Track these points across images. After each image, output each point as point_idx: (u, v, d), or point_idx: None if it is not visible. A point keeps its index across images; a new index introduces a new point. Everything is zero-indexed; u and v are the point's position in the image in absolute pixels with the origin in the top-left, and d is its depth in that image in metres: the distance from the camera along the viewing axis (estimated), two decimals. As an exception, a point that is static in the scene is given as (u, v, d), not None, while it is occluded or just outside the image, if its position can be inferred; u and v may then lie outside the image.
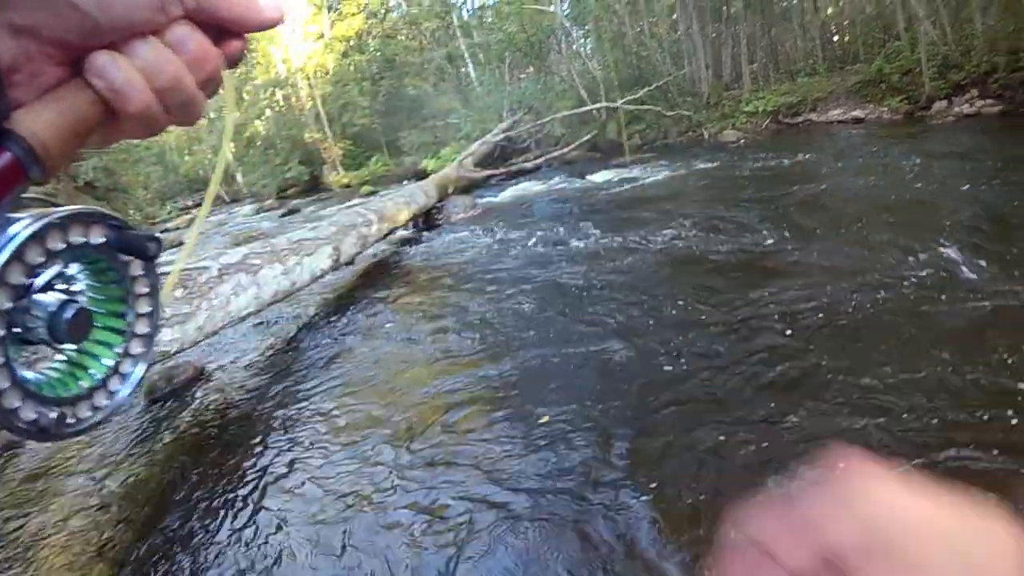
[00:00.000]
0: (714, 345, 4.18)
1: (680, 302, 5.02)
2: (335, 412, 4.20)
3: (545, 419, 3.60)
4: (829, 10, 28.69)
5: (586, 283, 5.96)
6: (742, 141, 16.55)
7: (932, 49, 16.89)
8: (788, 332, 4.14)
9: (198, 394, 5.12)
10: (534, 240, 8.14)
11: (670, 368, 3.96)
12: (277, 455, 3.81)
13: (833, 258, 5.38)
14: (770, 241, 6.35)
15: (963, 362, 3.38)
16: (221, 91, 0.54)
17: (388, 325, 5.83)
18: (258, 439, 4.07)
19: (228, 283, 4.98)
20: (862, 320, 4.14)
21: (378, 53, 30.96)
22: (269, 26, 0.51)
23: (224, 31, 0.49)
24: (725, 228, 7.06)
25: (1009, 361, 3.31)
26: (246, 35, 0.51)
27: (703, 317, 4.67)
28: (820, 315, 4.30)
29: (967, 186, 7.47)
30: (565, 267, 6.68)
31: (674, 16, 24.43)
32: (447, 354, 4.82)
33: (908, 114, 16.36)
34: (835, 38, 28.02)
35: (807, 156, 11.88)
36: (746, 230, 6.81)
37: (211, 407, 4.79)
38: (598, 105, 18.10)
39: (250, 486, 3.56)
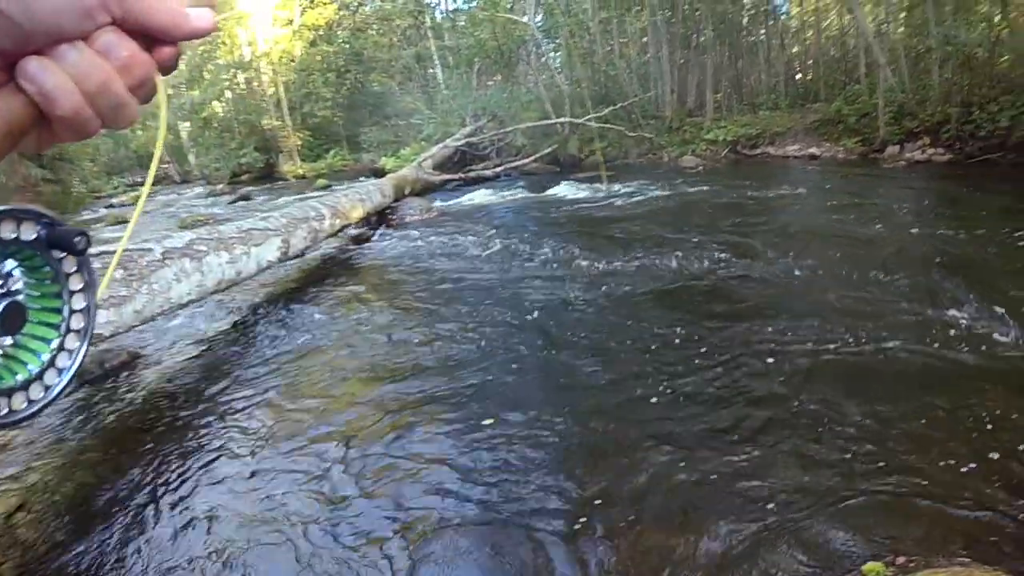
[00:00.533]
0: (646, 353, 4.34)
1: (628, 320, 5.12)
2: (268, 409, 4.09)
3: (490, 421, 3.62)
4: (795, 48, 29.32)
5: (537, 296, 5.96)
6: (701, 167, 16.75)
7: (890, 95, 17.36)
8: (723, 344, 4.21)
9: (130, 380, 4.93)
10: (488, 249, 8.11)
11: (612, 377, 4.08)
12: (204, 450, 3.70)
13: (780, 285, 5.52)
14: (721, 266, 6.49)
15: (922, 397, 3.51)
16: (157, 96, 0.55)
17: (332, 323, 5.72)
18: (186, 432, 3.94)
19: (171, 268, 4.82)
20: (794, 346, 4.26)
21: (347, 45, 30.54)
22: (198, 36, 0.53)
23: (154, 40, 0.50)
24: (680, 251, 7.14)
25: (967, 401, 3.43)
26: (177, 44, 0.53)
27: (647, 331, 4.79)
28: (760, 337, 4.43)
29: (915, 227, 7.95)
30: (517, 278, 6.68)
31: (644, 39, 24.68)
32: (387, 356, 4.78)
33: (862, 155, 16.83)
34: (798, 76, 28.63)
35: (764, 187, 12.08)
36: (699, 255, 6.90)
37: (142, 395, 4.62)
38: (563, 119, 18.15)
39: (175, 479, 3.42)
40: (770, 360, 4.18)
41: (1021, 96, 14.14)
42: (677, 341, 4.60)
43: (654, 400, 3.78)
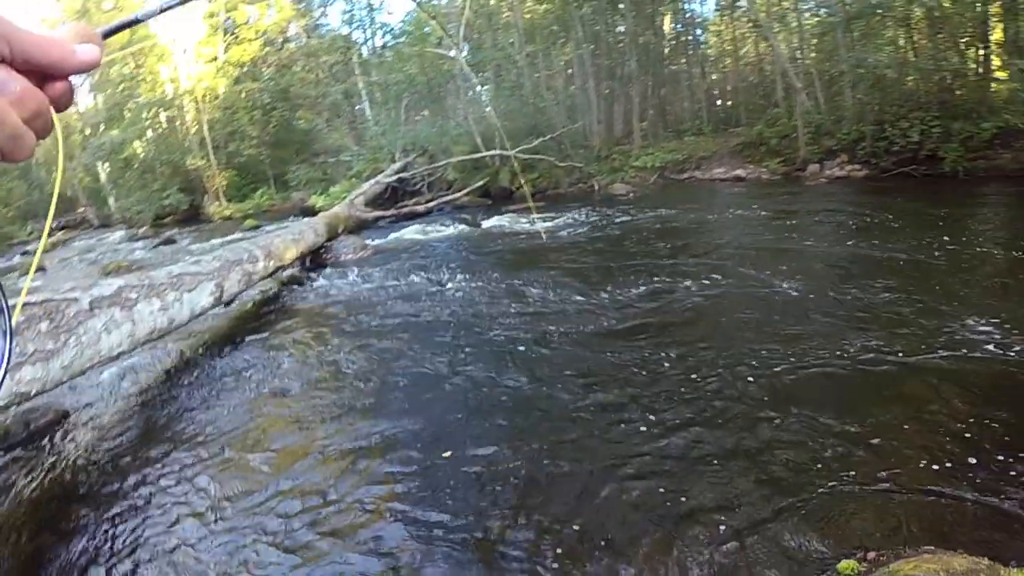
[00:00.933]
0: (592, 380, 4.37)
1: (570, 347, 5.17)
2: (207, 464, 3.91)
3: (447, 454, 3.59)
4: (715, 75, 30.20)
5: (476, 329, 5.96)
6: (631, 194, 17.01)
7: (807, 117, 18.09)
8: (653, 359, 4.23)
9: (58, 441, 4.67)
10: (423, 285, 8.09)
11: (550, 411, 4.08)
12: (139, 512, 3.50)
13: (713, 305, 5.62)
14: (658, 290, 6.60)
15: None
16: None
17: (269, 370, 5.55)
18: (120, 494, 3.73)
19: (99, 318, 4.59)
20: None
21: (272, 82, 30.21)
22: (85, 69, 0.57)
23: (45, 75, 0.54)
24: (612, 278, 7.28)
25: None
26: (68, 78, 0.56)
27: (590, 358, 4.82)
28: (704, 355, 4.45)
29: (834, 237, 8.75)
30: (454, 314, 6.67)
31: (570, 71, 25.09)
32: (326, 402, 4.66)
33: (785, 175, 17.41)
34: (719, 102, 29.48)
35: (692, 210, 12.49)
36: (631, 280, 7.01)
37: (71, 456, 4.38)
38: (492, 152, 18.22)
39: (107, 545, 3.24)
40: (719, 375, 4.29)
41: (929, 112, 14.91)
42: (620, 365, 4.67)
43: (605, 422, 3.82)
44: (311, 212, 16.95)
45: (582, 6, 22.09)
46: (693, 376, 4.37)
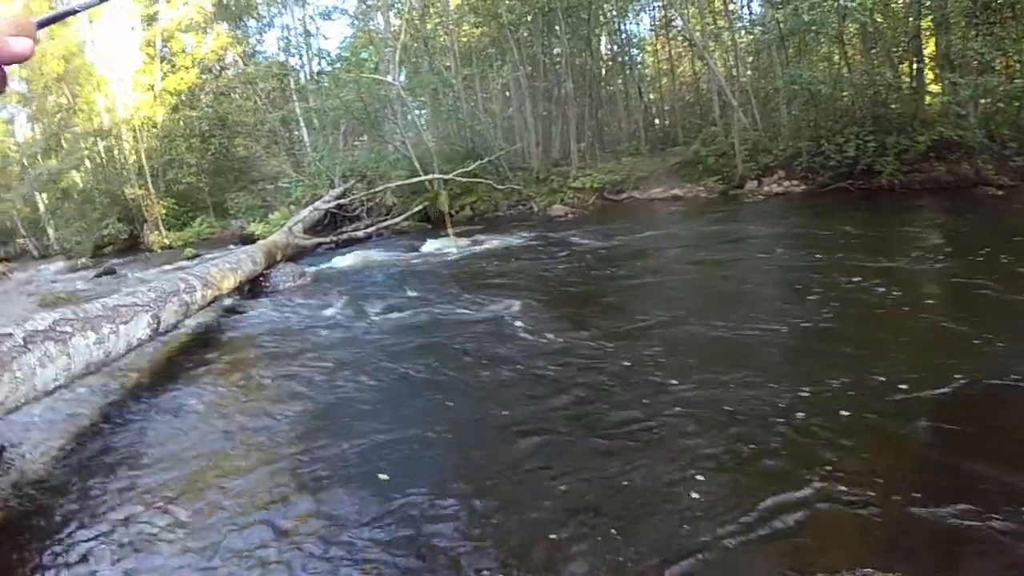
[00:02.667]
0: (531, 398, 4.34)
1: (505, 371, 5.22)
2: (148, 499, 3.85)
3: (384, 477, 3.53)
4: (652, 95, 30.71)
5: (409, 358, 5.98)
6: (570, 215, 17.24)
7: (744, 134, 18.51)
8: (605, 383, 4.36)
9: None
10: (363, 312, 8.11)
11: (492, 443, 4.07)
12: (79, 548, 3.46)
13: (654, 323, 5.76)
14: (595, 310, 6.76)
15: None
16: None
17: (208, 402, 5.51)
18: (58, 533, 3.69)
19: (34, 353, 4.55)
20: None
21: (210, 110, 29.93)
22: (16, 60, 0.60)
23: None
24: (549, 300, 7.44)
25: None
26: (2, 67, 0.60)
27: (529, 378, 4.87)
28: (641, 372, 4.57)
29: (773, 252, 9.08)
30: (393, 341, 6.70)
31: (507, 94, 25.34)
32: (264, 432, 4.61)
33: (723, 192, 17.80)
34: (657, 121, 29.98)
35: (630, 231, 12.75)
36: (570, 302, 7.18)
37: (7, 494, 4.32)
38: (431, 176, 18.34)
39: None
40: (649, 393, 4.37)
41: (864, 127, 15.35)
42: (562, 387, 4.75)
43: (545, 439, 3.89)
44: (250, 239, 16.85)
45: (518, 29, 22.38)
46: (622, 398, 4.51)
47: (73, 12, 0.85)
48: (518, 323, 6.71)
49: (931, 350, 4.77)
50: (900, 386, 4.03)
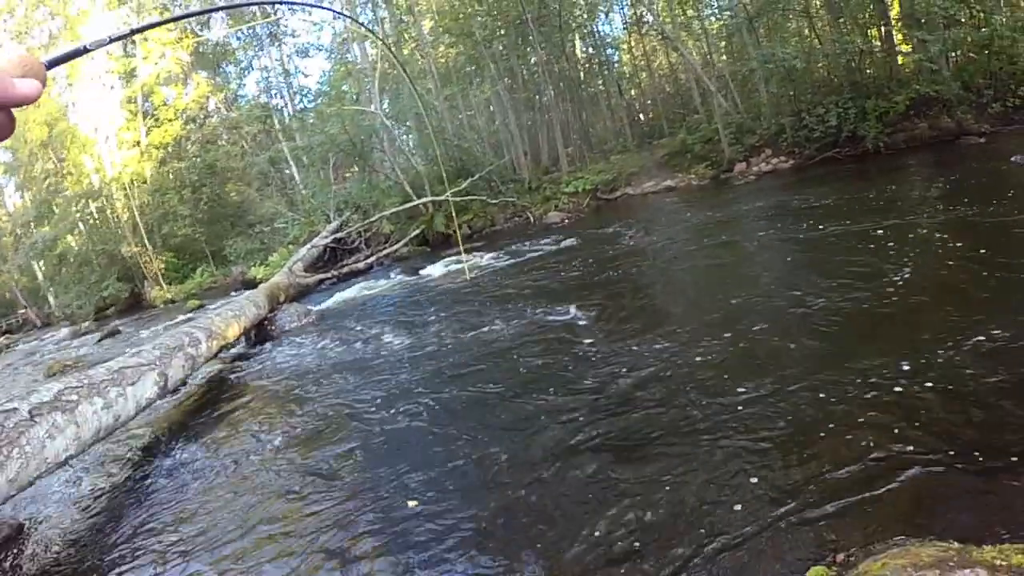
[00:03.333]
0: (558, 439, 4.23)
1: (533, 394, 5.08)
2: (172, 564, 3.85)
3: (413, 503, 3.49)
4: (632, 92, 30.81)
5: (424, 390, 5.89)
6: (566, 220, 17.25)
7: (727, 119, 18.66)
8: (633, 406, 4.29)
9: (18, 556, 4.58)
10: (370, 346, 8.03)
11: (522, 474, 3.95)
12: None
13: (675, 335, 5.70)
14: (605, 319, 6.64)
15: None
16: None
17: (223, 456, 5.43)
18: None
19: (42, 425, 4.52)
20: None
21: (198, 159, 30.06)
22: (25, 103, 0.58)
23: None
24: (557, 311, 7.35)
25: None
26: (9, 109, 0.59)
27: (556, 407, 4.74)
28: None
29: (769, 231, 9.13)
30: (405, 372, 6.62)
31: (491, 108, 25.41)
32: (288, 486, 4.52)
33: (714, 178, 17.94)
34: (640, 116, 30.10)
35: (627, 227, 12.71)
36: (580, 308, 7.11)
37: (32, 571, 4.30)
38: (424, 200, 18.37)
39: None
40: (667, 386, 4.33)
41: (842, 95, 15.58)
42: (597, 408, 4.61)
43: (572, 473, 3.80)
44: (252, 284, 16.89)
45: (492, 43, 22.46)
46: (652, 395, 4.47)
47: (85, 51, 0.83)
48: (523, 338, 6.66)
49: None
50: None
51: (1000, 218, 6.87)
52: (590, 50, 28.83)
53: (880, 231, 7.33)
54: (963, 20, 14.91)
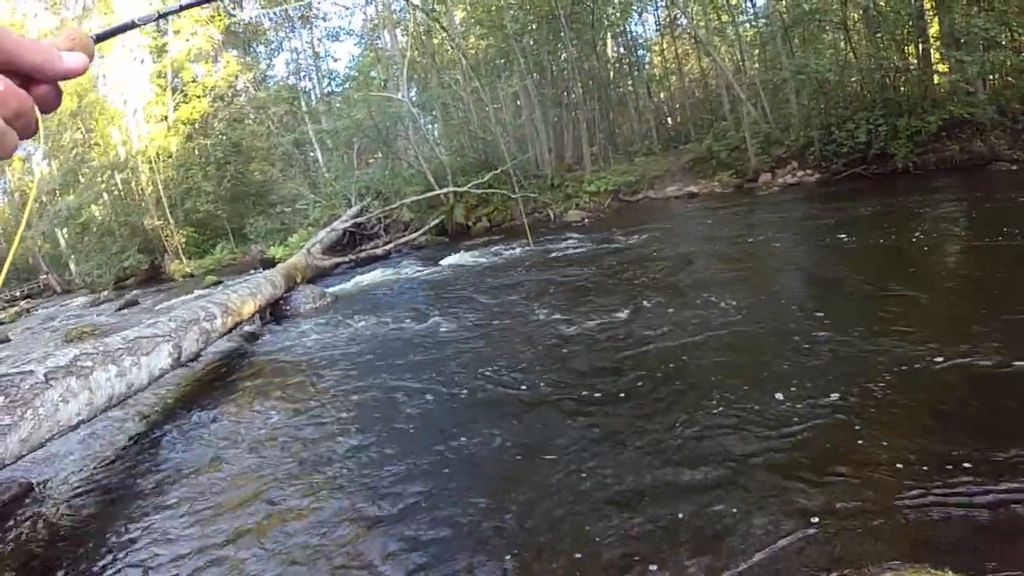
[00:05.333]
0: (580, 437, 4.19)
1: (548, 387, 5.05)
2: (179, 535, 3.81)
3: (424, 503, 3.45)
4: (661, 95, 30.72)
5: (442, 377, 5.85)
6: (586, 220, 17.20)
7: (755, 127, 18.50)
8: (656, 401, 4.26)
9: (26, 514, 4.60)
10: (385, 331, 7.99)
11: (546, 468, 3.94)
12: None
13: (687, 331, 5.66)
14: (625, 315, 6.59)
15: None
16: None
17: (234, 430, 5.43)
18: (94, 567, 3.69)
19: (56, 389, 4.55)
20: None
21: (224, 137, 30.22)
22: (71, 76, 0.60)
23: (31, 78, 0.58)
24: (579, 308, 7.30)
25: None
26: (56, 82, 0.60)
27: (568, 400, 4.72)
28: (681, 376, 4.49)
29: (790, 244, 9.01)
30: (419, 359, 6.57)
31: (518, 102, 25.38)
32: (298, 464, 4.51)
33: (738, 187, 17.82)
34: (668, 120, 29.98)
35: (650, 230, 12.58)
36: (600, 309, 7.06)
37: (41, 529, 4.31)
38: (446, 190, 18.38)
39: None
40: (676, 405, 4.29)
41: (874, 111, 15.34)
42: (618, 399, 4.63)
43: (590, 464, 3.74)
44: (271, 263, 16.94)
45: (523, 38, 22.43)
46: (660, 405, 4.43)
47: (133, 26, 0.86)
48: (545, 342, 6.64)
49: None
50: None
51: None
52: (621, 50, 28.80)
53: (902, 250, 7.28)
54: (1003, 43, 14.68)
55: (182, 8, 0.98)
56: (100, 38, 0.73)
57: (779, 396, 3.99)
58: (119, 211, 29.92)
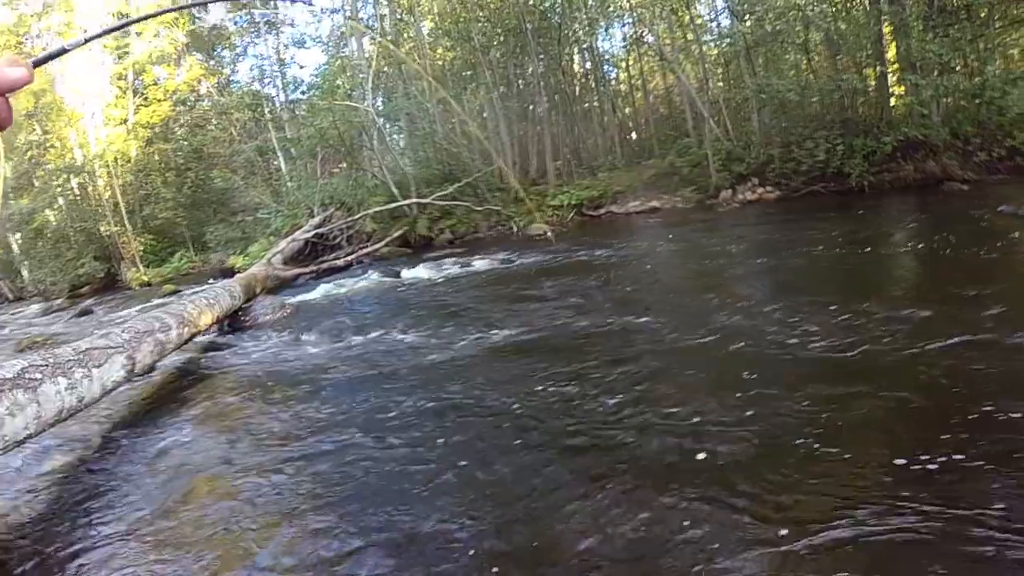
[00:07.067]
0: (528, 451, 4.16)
1: (504, 400, 5.02)
2: (129, 552, 3.70)
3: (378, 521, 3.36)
4: (627, 110, 30.99)
5: (399, 390, 5.80)
6: (549, 233, 17.21)
7: (717, 144, 18.83)
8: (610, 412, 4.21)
9: None
10: (342, 344, 7.93)
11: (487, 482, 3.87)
12: None
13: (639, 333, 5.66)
14: (585, 325, 6.61)
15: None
16: None
17: (188, 446, 5.27)
18: None
19: (2, 402, 4.42)
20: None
21: (185, 142, 29.78)
22: (14, 87, 0.64)
23: None
24: (537, 320, 7.32)
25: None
26: (4, 96, 0.64)
27: (519, 414, 4.67)
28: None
29: (750, 259, 9.27)
30: (377, 373, 6.52)
31: (483, 115, 25.41)
32: (251, 482, 4.36)
33: (699, 202, 18.14)
34: (632, 135, 30.23)
35: (608, 246, 12.74)
36: (559, 319, 7.07)
37: None
38: (409, 201, 18.33)
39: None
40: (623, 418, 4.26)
41: (833, 131, 15.91)
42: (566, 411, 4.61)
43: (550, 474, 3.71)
44: (231, 273, 16.73)
45: (489, 50, 22.48)
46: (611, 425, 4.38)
47: (64, 51, 0.89)
48: (502, 354, 6.61)
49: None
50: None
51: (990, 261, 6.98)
52: (588, 65, 28.97)
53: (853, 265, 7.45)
54: (957, 68, 15.15)
55: (107, 32, 1.00)
56: (37, 63, 0.75)
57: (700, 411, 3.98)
58: (75, 216, 29.10)
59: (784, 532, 2.73)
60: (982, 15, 15.31)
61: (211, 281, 16.39)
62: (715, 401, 4.24)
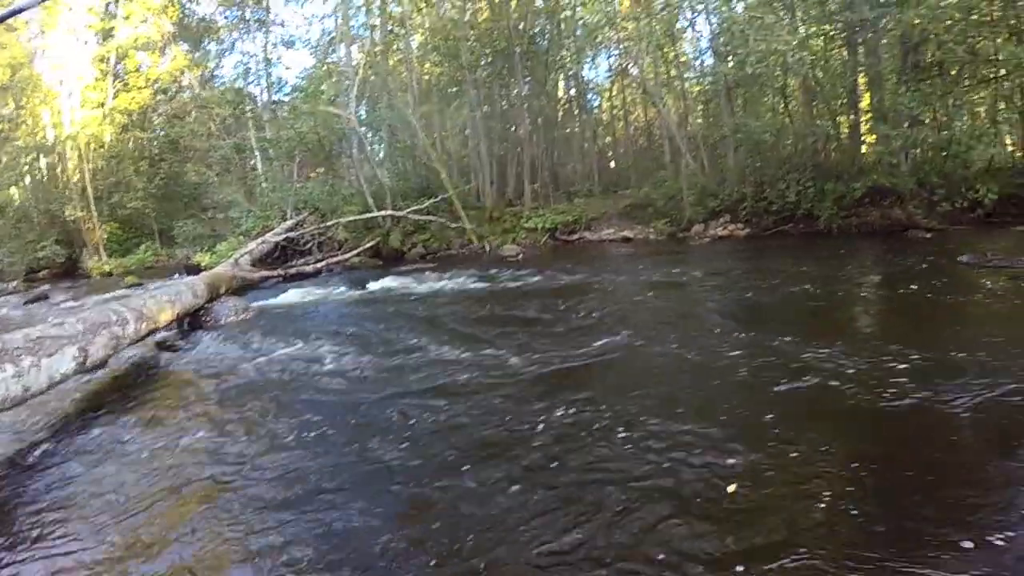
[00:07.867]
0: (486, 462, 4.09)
1: (458, 417, 4.96)
2: (69, 548, 3.56)
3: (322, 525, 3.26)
4: (607, 139, 31.26)
5: (350, 401, 5.73)
6: (520, 255, 17.32)
7: (692, 179, 19.18)
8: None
9: None
10: (303, 351, 7.81)
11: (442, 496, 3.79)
12: None
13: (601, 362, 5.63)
14: (544, 350, 6.51)
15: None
16: None
17: (137, 445, 5.10)
18: None
19: None
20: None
21: (162, 133, 29.40)
22: None
23: None
24: (502, 342, 7.23)
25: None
26: None
27: (470, 430, 4.58)
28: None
29: (716, 294, 9.25)
30: (334, 383, 6.43)
31: (465, 132, 25.46)
32: (202, 483, 4.27)
33: (671, 235, 18.45)
34: (612, 164, 30.50)
35: (578, 272, 12.77)
36: (518, 344, 7.00)
37: None
38: (384, 212, 18.26)
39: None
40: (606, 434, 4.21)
41: (804, 174, 16.30)
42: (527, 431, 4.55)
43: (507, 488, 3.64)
44: (196, 270, 16.51)
45: (476, 69, 22.56)
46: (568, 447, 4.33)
47: (19, 11, 0.83)
48: (466, 362, 6.53)
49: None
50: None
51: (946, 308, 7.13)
52: (572, 92, 29.18)
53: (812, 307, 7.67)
54: (927, 121, 15.59)
55: None
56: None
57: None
58: (40, 197, 28.51)
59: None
60: (953, 73, 15.74)
61: (176, 276, 16.18)
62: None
